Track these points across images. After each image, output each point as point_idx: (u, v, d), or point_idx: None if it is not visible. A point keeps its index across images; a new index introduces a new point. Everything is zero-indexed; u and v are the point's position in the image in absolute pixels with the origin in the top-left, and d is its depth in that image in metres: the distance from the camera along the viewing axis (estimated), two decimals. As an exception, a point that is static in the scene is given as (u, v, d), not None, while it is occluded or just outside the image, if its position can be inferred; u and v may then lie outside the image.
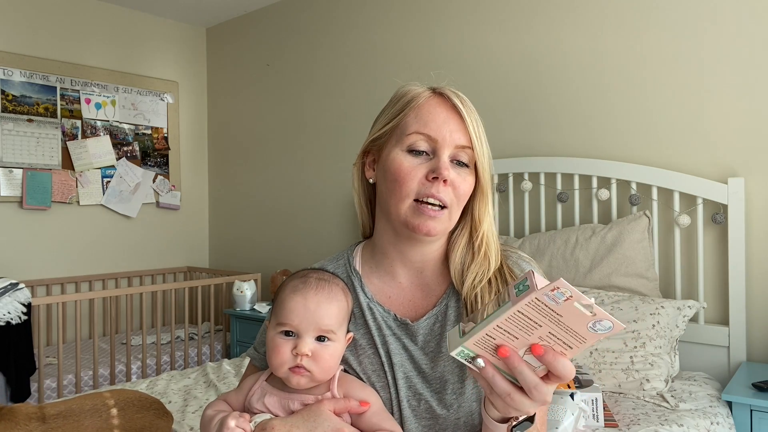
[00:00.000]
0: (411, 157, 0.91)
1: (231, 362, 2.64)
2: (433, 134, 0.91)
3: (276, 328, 0.87)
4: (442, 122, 0.91)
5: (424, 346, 0.94)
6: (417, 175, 0.90)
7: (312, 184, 3.66)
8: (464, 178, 0.92)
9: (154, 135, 4.03)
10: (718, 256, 2.24)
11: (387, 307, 0.97)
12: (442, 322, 0.95)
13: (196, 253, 4.26)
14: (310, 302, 0.86)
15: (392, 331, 0.95)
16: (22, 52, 3.44)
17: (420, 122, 0.92)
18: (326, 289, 0.89)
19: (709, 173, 2.25)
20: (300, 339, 0.85)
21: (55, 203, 3.54)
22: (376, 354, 0.94)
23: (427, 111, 0.93)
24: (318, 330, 0.86)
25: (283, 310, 0.87)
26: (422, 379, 0.93)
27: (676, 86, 2.33)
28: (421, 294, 0.99)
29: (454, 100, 0.93)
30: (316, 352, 0.85)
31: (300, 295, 0.87)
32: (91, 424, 1.48)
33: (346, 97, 3.46)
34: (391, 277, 0.99)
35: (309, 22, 3.64)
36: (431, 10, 3.06)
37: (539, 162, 2.59)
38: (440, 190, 0.89)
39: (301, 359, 0.84)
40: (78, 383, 2.81)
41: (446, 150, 0.90)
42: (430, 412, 0.91)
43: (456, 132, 0.91)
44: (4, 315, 2.50)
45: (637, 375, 1.94)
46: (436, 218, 0.90)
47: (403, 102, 0.96)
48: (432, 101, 0.94)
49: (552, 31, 2.64)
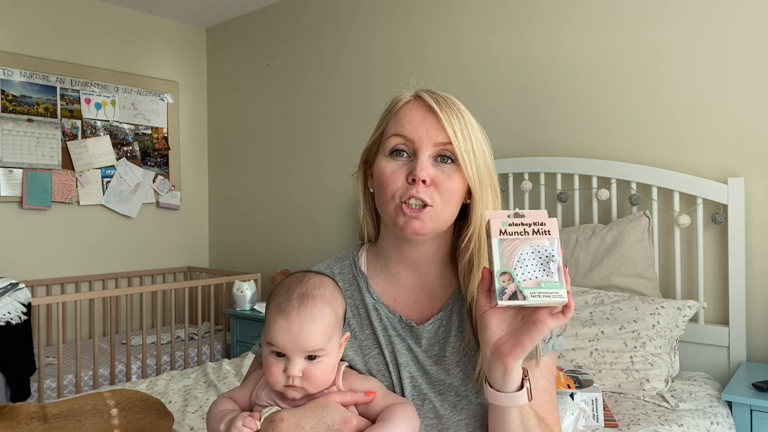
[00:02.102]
0: (392, 161, 0.92)
1: (231, 362, 2.64)
2: (409, 135, 0.91)
3: (267, 347, 0.87)
4: (418, 123, 0.92)
5: (428, 349, 0.96)
6: (398, 178, 0.91)
7: (312, 184, 3.66)
8: (449, 175, 0.91)
9: (154, 135, 4.03)
10: (718, 256, 2.24)
11: (392, 308, 0.98)
12: (446, 327, 0.96)
13: (196, 253, 4.26)
14: (293, 325, 0.84)
15: (397, 332, 0.97)
16: (22, 52, 3.44)
17: (397, 125, 0.93)
18: (309, 307, 0.86)
19: (709, 173, 2.25)
20: (289, 361, 0.85)
21: (55, 203, 3.54)
22: (381, 354, 0.96)
23: (404, 114, 0.94)
24: (305, 351, 0.85)
25: (269, 330, 0.86)
26: (426, 380, 0.94)
27: (676, 86, 2.33)
28: (426, 297, 0.99)
29: (427, 100, 0.93)
30: (307, 371, 0.85)
31: (282, 317, 0.85)
32: (92, 424, 1.48)
33: (346, 97, 3.46)
34: (396, 280, 1.00)
35: (309, 22, 3.64)
36: (431, 11, 3.06)
37: (539, 162, 2.59)
38: (420, 191, 0.89)
39: (292, 380, 0.84)
40: (78, 383, 2.81)
41: (425, 150, 0.90)
42: (434, 412, 0.92)
43: (433, 130, 0.91)
44: (4, 315, 2.50)
45: (637, 375, 1.94)
46: (419, 217, 0.89)
47: (387, 110, 0.98)
48: (409, 104, 0.95)
49: (552, 31, 2.65)
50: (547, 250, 0.76)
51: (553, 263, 0.75)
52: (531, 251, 0.76)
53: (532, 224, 0.77)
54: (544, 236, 0.77)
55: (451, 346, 0.95)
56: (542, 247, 0.76)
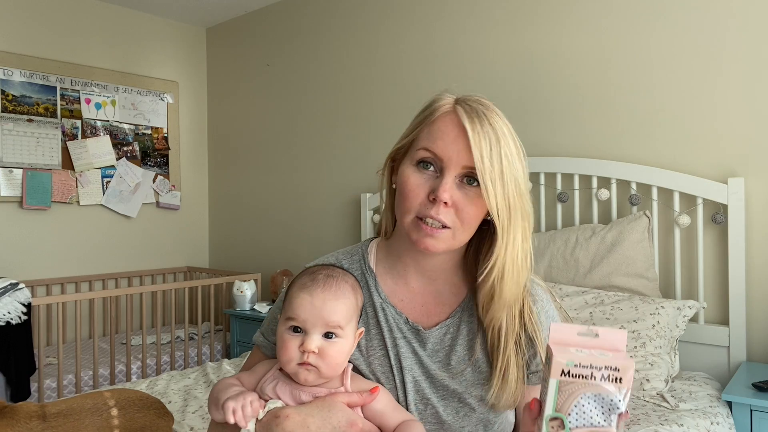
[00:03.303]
0: (418, 173, 0.89)
1: (231, 362, 2.64)
2: (439, 153, 0.87)
3: (284, 324, 0.88)
4: (451, 141, 0.87)
5: (432, 354, 0.95)
6: (420, 193, 0.88)
7: (312, 183, 3.66)
8: (472, 199, 0.87)
9: (154, 135, 4.03)
10: (718, 256, 2.24)
11: (399, 309, 0.97)
12: (453, 334, 0.95)
13: (196, 253, 4.26)
14: (317, 299, 0.86)
15: (403, 334, 0.95)
16: (22, 52, 3.44)
17: (430, 139, 0.89)
18: (334, 287, 0.88)
19: (709, 173, 2.25)
20: (307, 335, 0.85)
21: (55, 203, 3.54)
22: (386, 356, 0.95)
23: (438, 128, 0.89)
24: (325, 326, 0.86)
25: (291, 305, 0.88)
26: (430, 384, 0.93)
27: (676, 86, 2.33)
28: (434, 302, 0.98)
29: (462, 119, 0.87)
30: (323, 349, 0.85)
31: (307, 292, 0.87)
32: (91, 423, 1.48)
33: (346, 97, 3.46)
34: (405, 281, 0.99)
35: (309, 22, 3.64)
36: (431, 10, 3.06)
37: (539, 162, 2.59)
38: (440, 212, 0.86)
39: (307, 356, 0.84)
40: (78, 383, 2.81)
41: (452, 170, 0.87)
42: (436, 417, 0.92)
43: (464, 151, 0.86)
44: (4, 315, 2.50)
45: (637, 375, 1.94)
46: (435, 236, 0.87)
47: (423, 115, 0.93)
48: (446, 118, 0.89)
49: (552, 31, 2.65)
50: (612, 400, 0.65)
51: (614, 414, 0.66)
52: (593, 397, 0.66)
53: (603, 368, 0.65)
54: (612, 383, 0.65)
55: (457, 355, 0.94)
56: (607, 395, 0.66)
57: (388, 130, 3.26)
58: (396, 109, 3.21)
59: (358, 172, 3.41)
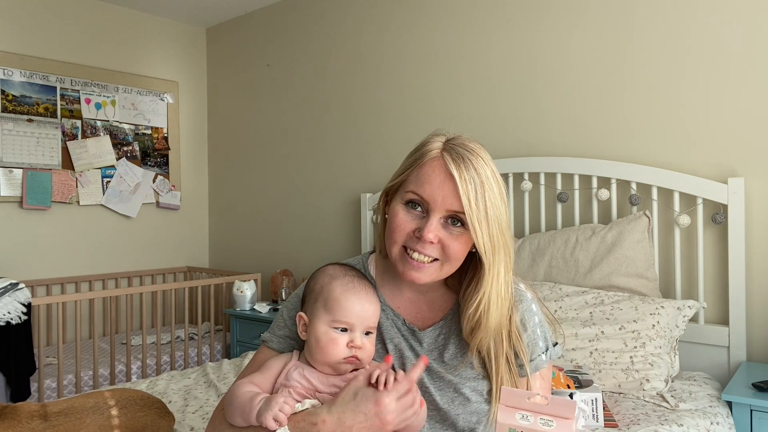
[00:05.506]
0: (406, 212, 0.98)
1: (231, 362, 2.64)
2: (426, 196, 0.95)
3: (331, 324, 0.97)
4: (437, 186, 0.95)
5: (428, 352, 1.05)
6: (407, 228, 0.97)
7: (312, 183, 3.66)
8: (456, 237, 0.96)
9: (154, 135, 4.03)
10: (718, 256, 2.24)
11: (397, 312, 1.08)
12: (446, 335, 1.05)
13: (196, 253, 4.26)
14: (365, 303, 0.98)
15: (401, 333, 1.06)
16: (22, 52, 3.44)
17: (418, 183, 0.97)
18: (372, 290, 1.01)
19: (709, 173, 2.25)
20: (353, 334, 0.97)
21: (55, 203, 3.54)
22: (384, 350, 1.05)
23: (426, 173, 0.96)
24: (366, 327, 0.98)
25: (339, 308, 0.97)
26: (427, 374, 1.02)
27: (676, 86, 2.33)
28: (427, 308, 1.09)
29: (450, 167, 0.94)
30: (364, 344, 0.97)
31: (353, 294, 0.98)
32: (92, 422, 1.48)
33: (347, 97, 3.46)
34: (400, 292, 1.09)
35: (309, 22, 3.64)
36: (432, 10, 3.06)
37: (539, 162, 2.59)
38: (425, 248, 0.95)
39: (356, 351, 0.95)
40: (78, 383, 2.81)
41: (437, 213, 0.95)
42: (433, 405, 1.01)
43: (450, 196, 0.94)
44: (4, 315, 2.50)
45: (637, 375, 1.94)
46: (421, 270, 0.97)
47: (414, 157, 1.01)
48: (434, 163, 0.96)
49: (552, 31, 2.65)
50: None
51: None
52: None
53: None
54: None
55: (450, 353, 1.03)
56: None
57: (388, 130, 3.26)
58: (396, 110, 3.21)
59: (358, 172, 3.41)
